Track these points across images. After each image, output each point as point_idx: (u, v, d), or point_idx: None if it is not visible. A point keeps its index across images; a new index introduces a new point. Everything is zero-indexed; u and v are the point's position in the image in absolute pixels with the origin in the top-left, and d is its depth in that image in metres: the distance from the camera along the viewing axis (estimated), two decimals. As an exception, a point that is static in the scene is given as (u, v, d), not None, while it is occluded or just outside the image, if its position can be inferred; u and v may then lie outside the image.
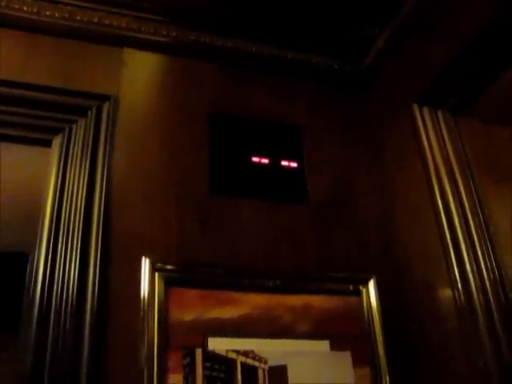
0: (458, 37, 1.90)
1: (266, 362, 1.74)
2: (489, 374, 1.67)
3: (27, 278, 1.64)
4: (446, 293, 1.84)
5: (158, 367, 1.60)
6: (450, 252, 1.85)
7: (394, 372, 1.81)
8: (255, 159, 2.09)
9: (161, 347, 1.63)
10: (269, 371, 1.73)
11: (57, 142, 1.87)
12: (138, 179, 1.90)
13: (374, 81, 2.38)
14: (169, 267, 1.77)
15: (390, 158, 2.22)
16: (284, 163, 2.12)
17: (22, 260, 1.70)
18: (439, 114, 2.08)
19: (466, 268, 1.81)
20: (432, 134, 2.04)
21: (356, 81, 2.43)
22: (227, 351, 1.71)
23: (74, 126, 1.91)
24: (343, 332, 1.86)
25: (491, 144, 1.99)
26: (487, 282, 1.78)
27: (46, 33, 2.05)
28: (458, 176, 1.96)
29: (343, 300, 1.92)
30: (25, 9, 2.02)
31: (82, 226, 1.73)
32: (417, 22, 2.12)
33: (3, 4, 2.00)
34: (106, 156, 1.87)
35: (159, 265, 1.75)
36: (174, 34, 2.19)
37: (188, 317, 1.72)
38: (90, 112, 1.94)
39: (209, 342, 1.70)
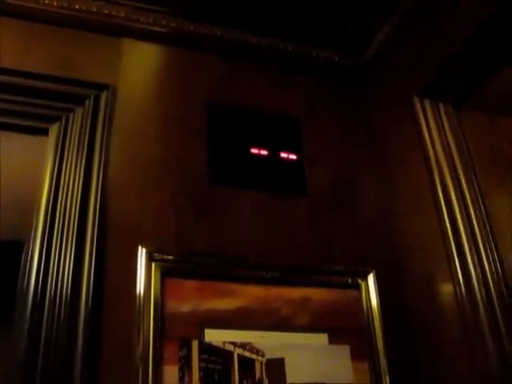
0: (460, 29, 1.88)
1: (263, 355, 1.72)
2: (490, 370, 1.64)
3: (22, 267, 1.62)
4: (447, 286, 1.82)
5: (153, 358, 1.57)
6: (451, 245, 1.83)
7: (393, 366, 1.79)
8: (254, 150, 2.07)
9: (157, 338, 1.61)
10: (266, 364, 1.71)
11: (54, 130, 1.86)
12: (135, 169, 1.88)
13: (374, 74, 2.37)
14: (166, 257, 1.74)
15: (391, 151, 2.20)
16: (283, 155, 2.11)
17: (16, 248, 1.68)
18: (441, 107, 2.05)
19: (468, 261, 1.78)
20: (433, 126, 2.02)
21: (356, 73, 2.41)
22: (224, 343, 1.69)
23: (72, 115, 1.90)
24: (342, 325, 1.84)
25: (493, 136, 1.97)
26: (489, 276, 1.76)
27: (45, 22, 2.04)
28: (459, 169, 1.94)
29: (342, 293, 1.90)
30: (23, -3, 2.01)
31: (78, 215, 1.71)
32: (417, 14, 2.10)
33: (2, -8, 1.99)
34: (103, 145, 1.86)
35: (156, 255, 1.73)
36: (174, 24, 2.18)
37: (185, 308, 1.70)
38: (87, 101, 1.93)
39: (205, 334, 1.68)
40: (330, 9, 2.28)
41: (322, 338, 1.80)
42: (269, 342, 1.74)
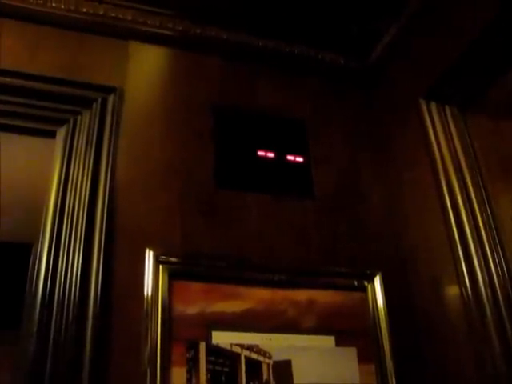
0: (466, 31, 1.88)
1: (270, 357, 1.72)
2: (496, 372, 1.64)
3: (30, 269, 1.62)
4: (454, 289, 1.82)
5: (161, 360, 1.58)
6: (457, 247, 1.82)
7: (400, 368, 1.79)
8: (261, 153, 2.08)
9: (164, 340, 1.61)
10: (273, 366, 1.71)
11: (61, 133, 1.86)
12: (142, 171, 1.89)
13: (380, 76, 2.37)
14: (173, 260, 1.75)
15: (397, 154, 2.20)
16: (290, 158, 2.11)
17: (24, 250, 1.68)
18: (447, 110, 2.05)
19: (474, 264, 1.78)
20: (440, 129, 2.02)
21: (362, 76, 2.42)
22: (231, 345, 1.69)
23: (79, 118, 1.90)
24: (349, 328, 1.84)
25: (500, 139, 1.96)
26: (495, 278, 1.75)
27: (52, 24, 2.04)
28: (465, 172, 1.93)
29: (348, 295, 1.90)
30: (31, 0, 2.01)
31: (86, 218, 1.72)
32: (424, 17, 2.10)
33: (9, -5, 2.00)
34: (111, 147, 1.86)
35: (163, 257, 1.73)
36: (180, 27, 2.18)
37: (192, 310, 1.70)
38: (95, 104, 1.93)
39: (213, 336, 1.68)
40: (336, 11, 2.28)
41: (328, 340, 1.80)
42: (276, 344, 1.74)
